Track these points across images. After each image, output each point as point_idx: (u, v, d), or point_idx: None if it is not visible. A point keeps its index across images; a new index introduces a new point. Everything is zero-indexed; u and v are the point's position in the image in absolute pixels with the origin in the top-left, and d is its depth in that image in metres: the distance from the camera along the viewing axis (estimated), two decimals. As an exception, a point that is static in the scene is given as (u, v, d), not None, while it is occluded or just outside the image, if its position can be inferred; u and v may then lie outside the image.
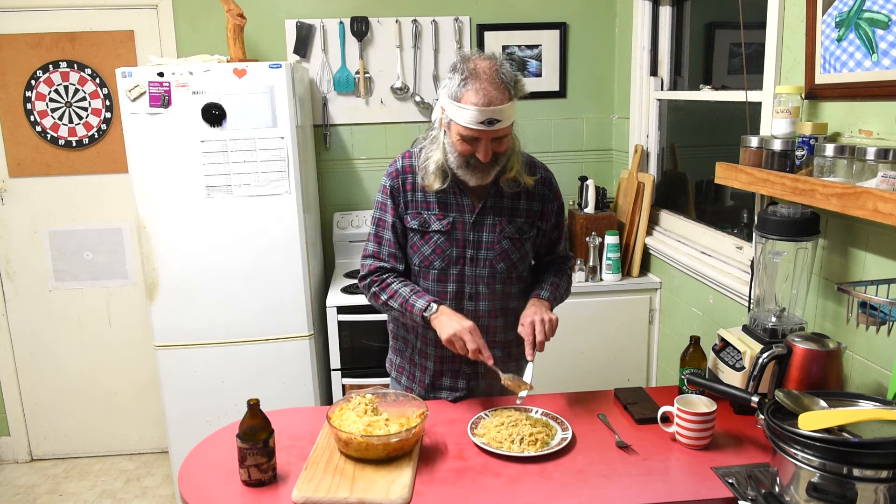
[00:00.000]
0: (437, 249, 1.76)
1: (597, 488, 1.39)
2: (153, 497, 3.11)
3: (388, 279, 1.78)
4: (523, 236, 1.80)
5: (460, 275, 1.78)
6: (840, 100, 1.65)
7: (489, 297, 1.79)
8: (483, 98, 1.57)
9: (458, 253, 1.76)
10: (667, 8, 2.91)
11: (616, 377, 2.95)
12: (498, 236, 1.76)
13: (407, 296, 1.73)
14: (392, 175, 1.79)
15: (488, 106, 1.57)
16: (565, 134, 3.36)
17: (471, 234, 1.76)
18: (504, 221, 1.77)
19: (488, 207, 1.76)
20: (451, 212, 1.76)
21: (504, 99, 1.58)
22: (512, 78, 1.61)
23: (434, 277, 1.78)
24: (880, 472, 1.14)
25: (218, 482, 1.45)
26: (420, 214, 1.77)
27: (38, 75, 3.13)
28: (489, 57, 1.63)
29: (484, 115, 1.57)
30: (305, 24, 3.14)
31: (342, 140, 3.28)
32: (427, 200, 1.77)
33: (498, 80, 1.59)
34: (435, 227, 1.76)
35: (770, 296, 1.76)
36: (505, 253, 1.77)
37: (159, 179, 2.62)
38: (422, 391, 1.88)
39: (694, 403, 1.55)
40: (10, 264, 3.29)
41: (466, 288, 1.78)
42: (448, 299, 1.78)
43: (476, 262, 1.77)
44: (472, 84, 1.58)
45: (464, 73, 1.60)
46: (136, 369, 3.39)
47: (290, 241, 2.72)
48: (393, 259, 1.79)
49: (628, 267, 2.98)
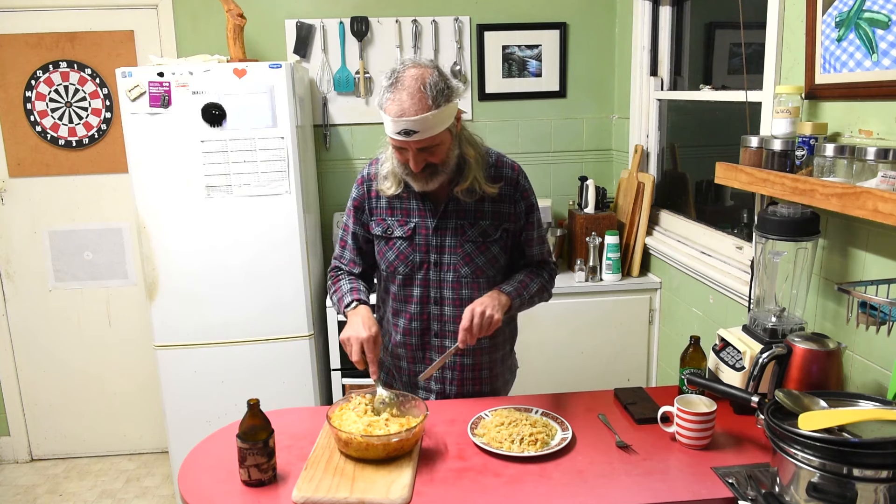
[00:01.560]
0: (401, 255, 1.77)
1: (597, 488, 1.39)
2: (153, 497, 3.11)
3: (340, 275, 1.86)
4: (488, 239, 1.76)
5: (425, 279, 1.78)
6: (840, 100, 1.65)
7: (455, 301, 1.78)
8: (397, 108, 1.54)
9: (422, 258, 1.76)
10: (667, 8, 2.91)
11: (616, 377, 2.95)
12: (460, 240, 1.75)
13: (344, 292, 1.78)
14: (359, 183, 1.82)
15: (401, 117, 1.54)
16: (565, 134, 3.36)
17: (433, 239, 1.75)
18: (466, 225, 1.75)
19: (450, 211, 1.75)
20: (413, 217, 1.76)
21: (420, 110, 1.53)
22: (438, 88, 1.55)
23: (400, 282, 1.79)
24: (880, 472, 1.14)
25: (218, 482, 1.45)
26: (384, 220, 1.78)
27: (38, 75, 3.13)
28: (423, 65, 1.59)
29: (398, 125, 1.55)
30: (305, 24, 3.14)
31: (342, 140, 3.28)
32: (391, 206, 1.78)
33: (418, 89, 1.54)
34: (397, 233, 1.77)
35: (770, 296, 1.76)
36: (468, 257, 1.76)
37: (159, 179, 2.62)
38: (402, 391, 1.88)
39: (694, 403, 1.55)
40: (10, 264, 3.29)
41: (431, 292, 1.78)
42: (414, 304, 1.79)
43: (440, 266, 1.77)
44: (391, 93, 1.56)
45: (390, 81, 1.58)
46: (136, 369, 3.39)
47: (290, 241, 2.72)
48: (351, 263, 1.87)
49: (628, 267, 2.98)
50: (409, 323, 1.81)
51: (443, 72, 1.61)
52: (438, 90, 1.56)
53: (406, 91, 1.54)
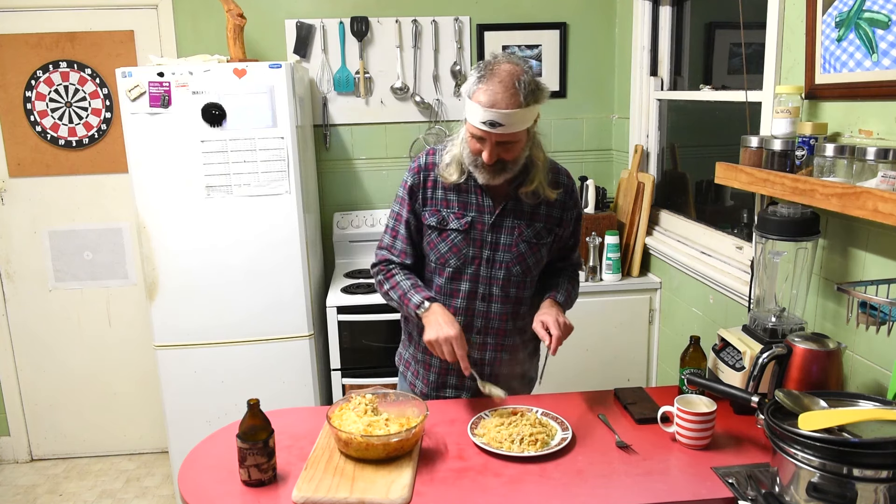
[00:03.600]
0: (454, 248, 1.77)
1: (597, 488, 1.39)
2: (153, 497, 3.11)
3: (394, 270, 1.81)
4: (541, 241, 1.79)
5: (475, 275, 1.78)
6: (840, 100, 1.65)
7: (502, 299, 1.79)
8: (489, 98, 1.56)
9: (475, 253, 1.77)
10: (667, 8, 2.91)
11: (616, 377, 2.95)
12: (516, 239, 1.76)
13: (406, 289, 1.75)
14: (414, 171, 1.80)
15: (492, 108, 1.56)
16: (565, 134, 3.36)
17: (489, 236, 1.76)
18: (523, 225, 1.76)
19: (508, 210, 1.76)
20: (471, 211, 1.76)
21: (511, 104, 1.55)
22: (530, 87, 1.58)
23: (448, 275, 1.79)
24: (880, 472, 1.14)
25: (218, 482, 1.45)
26: (439, 212, 1.77)
27: (38, 75, 3.13)
28: (516, 61, 1.61)
29: (487, 115, 1.56)
30: (305, 24, 3.14)
31: (342, 140, 3.28)
32: (447, 199, 1.77)
33: (513, 84, 1.56)
34: (453, 225, 1.76)
35: (770, 296, 1.76)
36: (522, 256, 1.77)
37: (159, 179, 2.62)
38: (426, 388, 1.89)
39: (694, 403, 1.55)
40: (10, 264, 3.29)
41: (480, 288, 1.79)
42: (460, 298, 1.78)
43: (492, 263, 1.77)
44: (484, 83, 1.57)
45: (482, 72, 1.59)
46: (136, 369, 3.39)
47: (290, 241, 2.71)
48: (403, 255, 1.82)
49: (628, 267, 2.98)
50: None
51: (534, 72, 1.63)
52: (530, 89, 1.58)
53: (501, 83, 1.56)
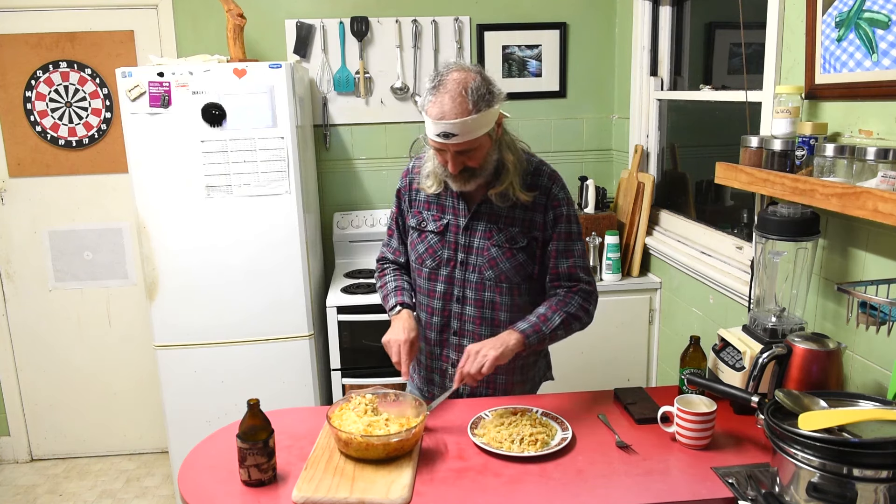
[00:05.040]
0: (430, 249, 1.81)
1: (597, 488, 1.39)
2: (153, 497, 3.11)
3: (387, 269, 1.93)
4: (514, 246, 1.75)
5: (450, 276, 1.80)
6: (840, 100, 1.65)
7: (476, 303, 1.79)
8: (437, 111, 1.56)
9: (450, 255, 1.79)
10: (667, 8, 2.91)
11: (616, 377, 2.95)
12: (488, 243, 1.75)
13: (389, 290, 1.86)
14: (403, 175, 1.90)
15: (441, 119, 1.56)
16: (565, 134, 3.36)
17: (462, 238, 1.77)
18: (495, 229, 1.75)
19: (482, 213, 1.76)
20: (447, 214, 1.79)
21: (460, 113, 1.54)
22: (479, 92, 1.56)
23: (426, 275, 1.83)
24: (880, 472, 1.14)
25: (218, 482, 1.45)
26: (420, 213, 1.83)
27: (38, 75, 3.13)
28: (467, 68, 1.60)
29: (439, 127, 1.57)
30: (305, 24, 3.14)
31: (342, 140, 3.28)
32: (429, 201, 1.83)
33: (460, 93, 1.55)
34: (430, 227, 1.81)
35: (770, 296, 1.76)
36: (494, 261, 1.75)
37: (159, 179, 2.62)
38: (420, 383, 1.93)
39: (694, 403, 1.55)
40: (10, 264, 3.29)
41: (455, 290, 1.80)
42: (437, 299, 1.81)
43: (466, 266, 1.78)
44: (433, 95, 1.58)
45: (433, 84, 1.59)
46: (136, 369, 3.39)
47: (289, 241, 2.72)
48: (397, 252, 1.93)
49: (628, 267, 2.98)
50: (430, 317, 1.83)
51: (486, 77, 1.61)
52: (480, 95, 1.57)
53: (448, 94, 1.56)
